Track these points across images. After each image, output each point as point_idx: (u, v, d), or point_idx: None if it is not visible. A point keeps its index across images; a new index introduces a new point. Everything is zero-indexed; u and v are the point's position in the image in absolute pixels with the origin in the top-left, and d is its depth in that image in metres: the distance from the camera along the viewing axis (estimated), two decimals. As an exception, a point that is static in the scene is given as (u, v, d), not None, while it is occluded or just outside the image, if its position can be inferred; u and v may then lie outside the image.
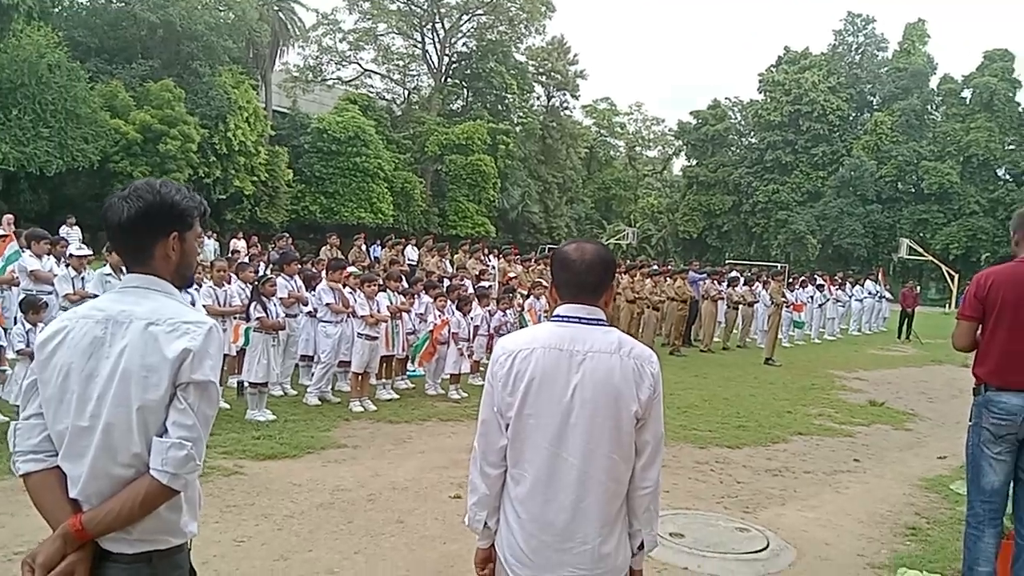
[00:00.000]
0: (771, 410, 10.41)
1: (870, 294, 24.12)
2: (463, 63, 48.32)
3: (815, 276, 23.11)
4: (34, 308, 7.54)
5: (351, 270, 10.59)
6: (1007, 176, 48.46)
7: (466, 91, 49.05)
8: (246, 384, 8.50)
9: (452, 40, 47.78)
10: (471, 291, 11.74)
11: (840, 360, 16.63)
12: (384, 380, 9.91)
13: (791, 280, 20.65)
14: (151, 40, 32.77)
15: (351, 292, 9.46)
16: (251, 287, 8.95)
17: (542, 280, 13.98)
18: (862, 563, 5.11)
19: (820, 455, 8.15)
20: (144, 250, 2.11)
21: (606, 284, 2.47)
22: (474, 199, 43.19)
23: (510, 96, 47.97)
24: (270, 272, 10.23)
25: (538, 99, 52.84)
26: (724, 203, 53.37)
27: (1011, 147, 48.29)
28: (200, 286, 9.02)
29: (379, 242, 20.61)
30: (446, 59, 47.94)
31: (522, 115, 49.27)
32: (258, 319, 8.40)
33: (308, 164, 37.87)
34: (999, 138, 47.35)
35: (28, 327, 7.35)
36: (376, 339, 9.24)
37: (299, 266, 10.33)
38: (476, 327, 10.61)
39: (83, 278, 9.23)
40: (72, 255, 9.61)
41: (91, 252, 10.43)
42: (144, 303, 2.06)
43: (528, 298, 12.60)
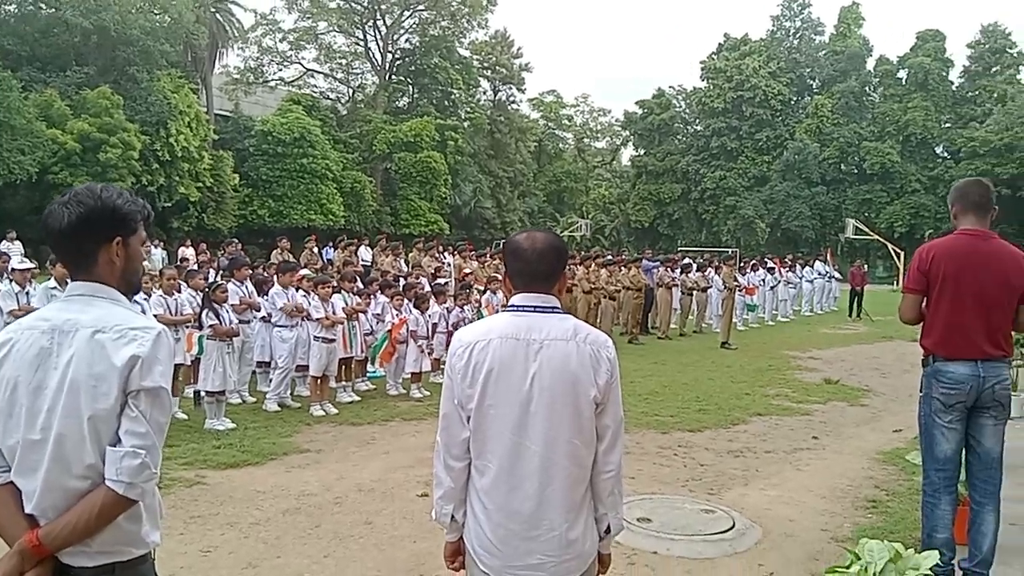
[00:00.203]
0: (730, 393, 10.56)
1: (820, 275, 24.63)
2: (407, 60, 48.03)
3: (765, 260, 23.48)
4: (-23, 326, 7.31)
5: (304, 272, 10.47)
6: (945, 153, 49.78)
7: (411, 88, 48.78)
8: (203, 393, 8.37)
9: (395, 36, 47.43)
10: (428, 289, 11.69)
11: (794, 340, 16.94)
12: (344, 382, 9.82)
13: (742, 264, 20.99)
14: (85, 46, 31.92)
15: (305, 295, 9.35)
16: (202, 295, 8.79)
17: (498, 275, 13.99)
18: (826, 537, 5.21)
19: (780, 434, 8.29)
20: (87, 257, 2.06)
21: (559, 272, 2.48)
22: (426, 197, 42.98)
23: (456, 92, 47.80)
24: (220, 279, 10.07)
25: (484, 94, 52.79)
26: (673, 191, 53.92)
27: (947, 125, 49.60)
28: (150, 295, 8.84)
29: (331, 244, 20.44)
30: (389, 56, 47.58)
31: (469, 110, 49.15)
32: (211, 326, 8.27)
33: (254, 167, 37.31)
34: (935, 116, 48.61)
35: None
36: (333, 341, 9.15)
37: (250, 271, 10.19)
38: (435, 324, 10.57)
39: (27, 293, 8.98)
40: (15, 269, 9.35)
41: (34, 265, 10.17)
42: (90, 311, 2.01)
43: (485, 293, 12.61)
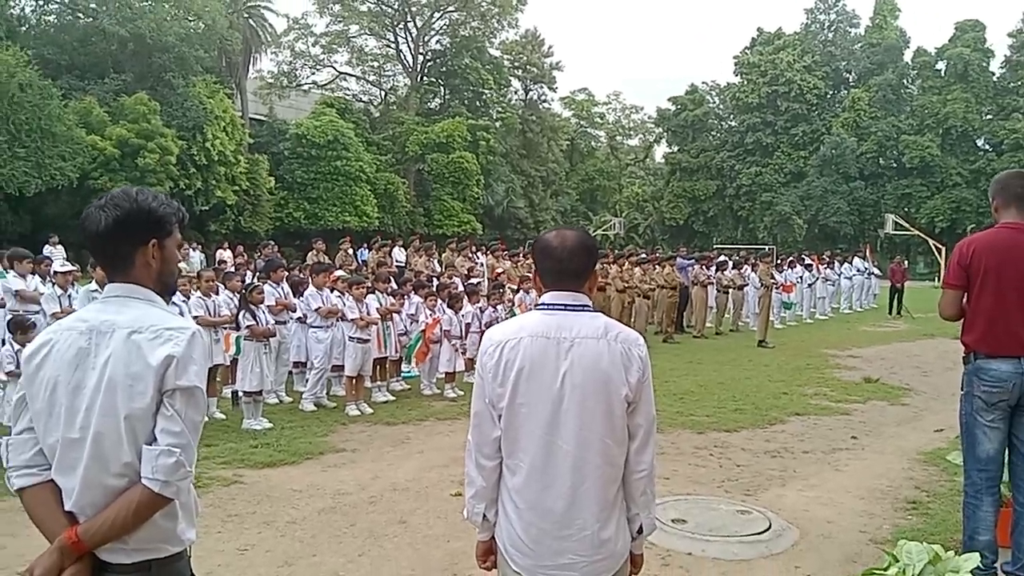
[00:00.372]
0: (767, 392, 10.44)
1: (859, 271, 24.24)
2: (438, 61, 48.23)
3: (803, 256, 23.20)
4: (22, 328, 7.47)
5: (339, 274, 10.55)
6: (987, 146, 48.83)
7: (443, 89, 48.97)
8: (241, 394, 8.47)
9: (425, 38, 47.67)
10: (461, 289, 11.72)
11: (833, 339, 16.70)
12: (379, 382, 9.88)
13: (779, 261, 20.72)
14: (122, 54, 32.52)
15: (340, 296, 9.42)
16: (239, 296, 8.90)
17: (531, 274, 13.98)
18: (864, 539, 5.13)
19: (818, 434, 8.18)
20: (124, 259, 2.09)
21: (589, 270, 2.47)
22: (458, 197, 43.13)
23: (487, 92, 47.94)
24: (257, 280, 10.18)
25: (516, 93, 52.88)
26: (708, 188, 53.52)
27: (988, 117, 48.63)
28: (189, 297, 8.98)
29: (366, 245, 20.58)
30: (421, 58, 47.83)
31: (500, 110, 49.22)
32: (248, 327, 8.36)
33: (289, 170, 37.74)
34: (976, 108, 47.69)
35: (17, 348, 7.27)
36: (368, 342, 9.20)
37: (285, 273, 10.29)
38: (468, 324, 10.58)
39: (69, 295, 9.16)
40: (57, 272, 9.55)
41: (76, 268, 10.38)
42: (126, 312, 2.05)
43: (518, 292, 12.60)
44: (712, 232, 54.32)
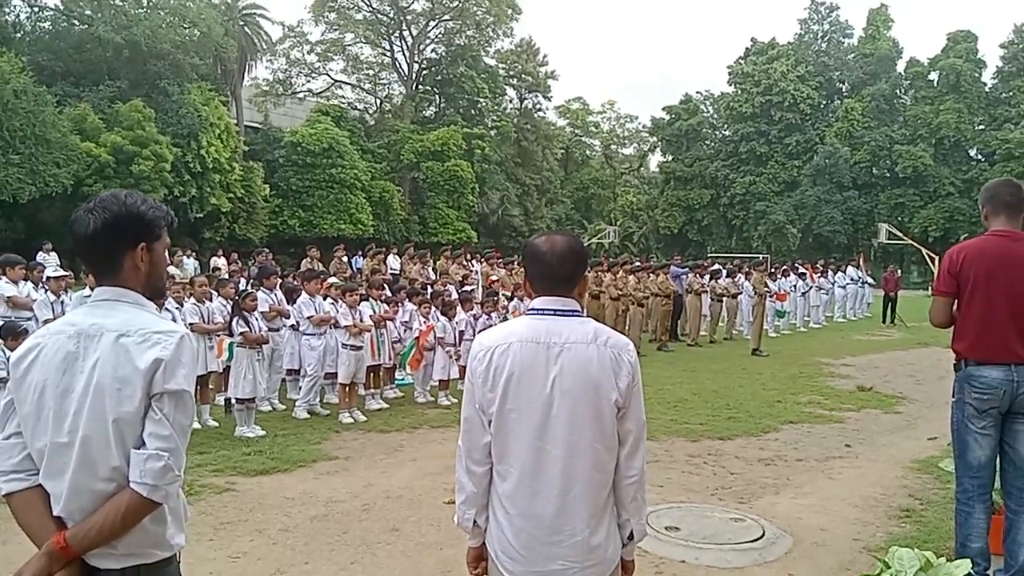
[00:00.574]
0: (761, 400, 10.44)
1: (852, 280, 24.30)
2: (433, 69, 48.33)
3: (797, 265, 23.24)
4: (13, 334, 7.42)
5: (332, 281, 10.53)
6: (979, 156, 49.03)
7: (438, 97, 49.04)
8: (234, 401, 8.43)
9: (420, 47, 47.77)
10: (455, 296, 11.71)
11: (827, 347, 16.73)
12: (372, 390, 9.84)
13: (773, 270, 20.76)
14: (117, 61, 32.49)
15: (333, 303, 9.41)
16: (232, 303, 8.88)
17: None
18: (858, 547, 5.12)
19: (811, 442, 8.18)
20: (113, 262, 2.09)
21: (579, 275, 2.47)
22: (453, 205, 43.16)
23: (482, 100, 48.05)
24: (250, 287, 10.17)
25: (511, 102, 52.96)
26: (702, 197, 53.63)
27: (980, 127, 48.86)
28: (182, 304, 8.96)
29: (360, 253, 20.56)
30: (416, 66, 47.92)
31: (496, 119, 49.32)
32: (241, 334, 8.34)
33: (284, 178, 37.74)
34: (968, 119, 47.92)
35: (8, 354, 7.24)
36: (361, 349, 9.19)
37: (279, 280, 10.27)
38: (461, 332, 10.57)
39: (62, 302, 9.14)
40: (50, 278, 9.52)
41: (69, 274, 10.35)
42: (115, 315, 2.05)
43: (512, 300, 12.59)
44: (706, 241, 54.42)
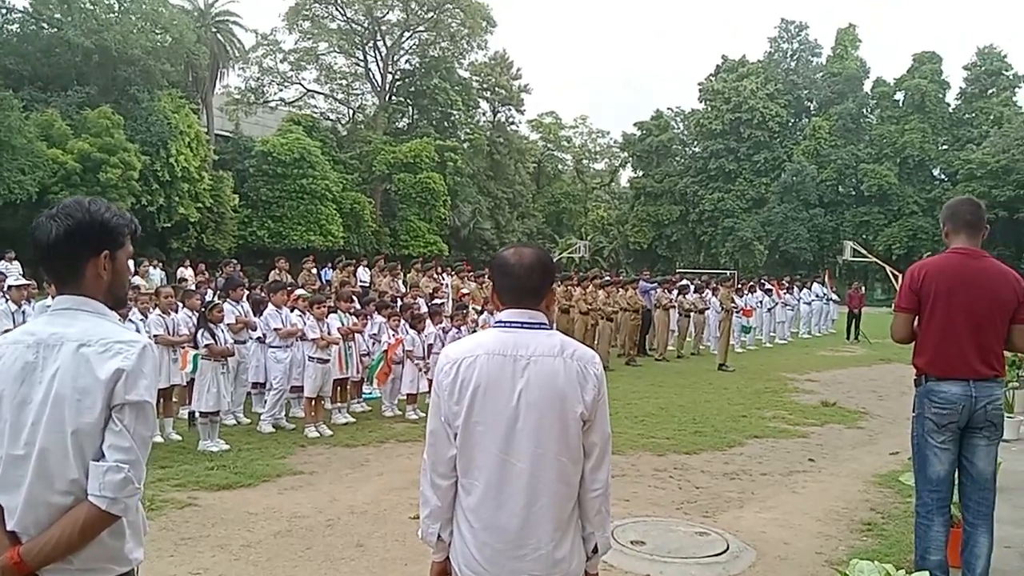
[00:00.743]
0: (727, 415, 10.53)
1: (817, 297, 24.63)
2: (407, 80, 48.27)
3: (763, 281, 23.49)
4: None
5: (299, 292, 10.46)
6: (942, 176, 49.96)
7: (411, 109, 48.96)
8: (197, 414, 8.33)
9: (395, 58, 47.69)
10: (424, 309, 11.68)
11: (792, 363, 16.91)
12: (339, 404, 9.78)
13: (739, 286, 20.96)
14: (87, 66, 32.01)
15: (300, 315, 9.34)
16: (198, 314, 8.79)
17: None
18: (820, 560, 5.18)
19: (776, 457, 8.26)
20: (75, 270, 2.06)
21: (546, 287, 2.48)
22: (425, 217, 43.07)
23: (456, 112, 48.07)
24: (217, 299, 10.07)
25: (484, 115, 53.00)
26: (672, 213, 54.05)
27: (944, 147, 49.89)
28: (147, 315, 8.85)
29: (330, 264, 20.44)
30: (390, 77, 47.80)
31: (469, 131, 49.36)
32: (206, 346, 8.24)
33: (254, 188, 37.40)
34: (932, 139, 48.91)
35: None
36: (328, 362, 9.12)
37: (246, 291, 10.18)
38: (430, 345, 10.54)
39: (23, 311, 8.99)
40: (11, 287, 9.38)
41: (31, 283, 10.19)
42: (75, 324, 2.02)
43: (482, 314, 12.58)
44: (675, 256, 54.82)
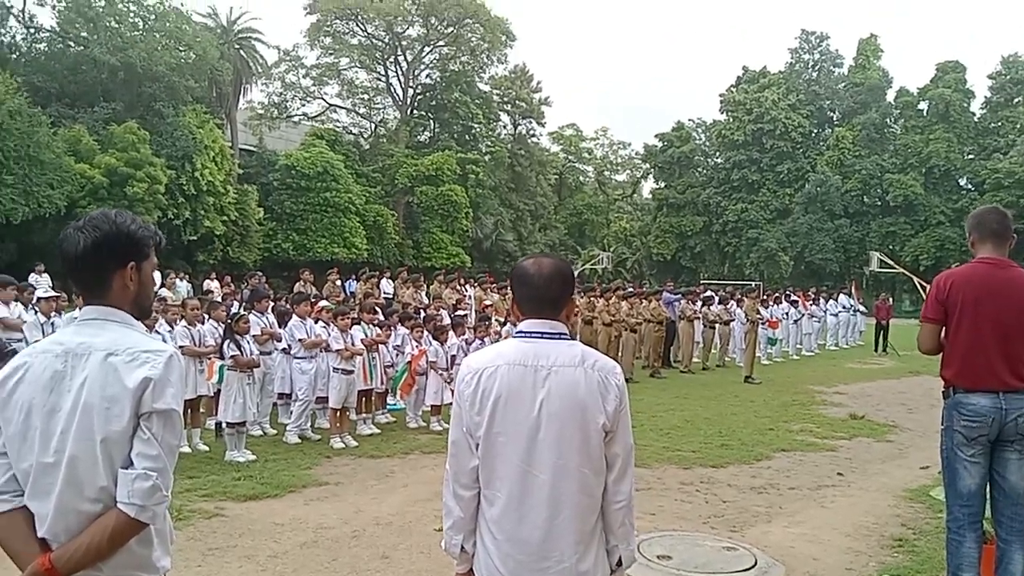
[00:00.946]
0: (753, 428, 10.43)
1: (844, 308, 24.35)
2: (428, 94, 48.57)
3: (789, 292, 23.29)
4: (2, 355, 7.38)
5: (323, 304, 10.51)
6: (969, 185, 49.35)
7: (432, 122, 49.25)
8: (224, 425, 8.38)
9: (416, 72, 47.99)
10: (447, 321, 11.69)
11: (819, 375, 16.74)
12: (364, 415, 9.80)
13: (765, 297, 20.80)
14: (112, 83, 32.51)
15: (325, 326, 9.38)
16: (224, 326, 8.85)
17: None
18: (851, 576, 5.10)
19: (804, 470, 8.17)
20: (102, 281, 2.09)
21: (566, 297, 2.48)
22: (447, 229, 43.20)
23: (476, 126, 48.28)
24: (243, 310, 10.14)
25: (504, 128, 53.14)
26: (695, 224, 53.81)
27: (970, 156, 49.27)
28: (174, 326, 8.94)
29: (354, 276, 20.53)
30: (411, 91, 48.11)
31: (490, 144, 49.49)
32: (232, 357, 8.30)
33: (278, 201, 37.74)
34: (958, 148, 48.34)
35: (-3, 377, 7.19)
36: (352, 373, 9.15)
37: (271, 303, 10.25)
38: (453, 356, 10.54)
39: (52, 323, 9.09)
40: (40, 299, 9.50)
41: (60, 295, 10.32)
42: (103, 334, 2.04)
43: (505, 325, 12.56)
44: (699, 267, 54.55)
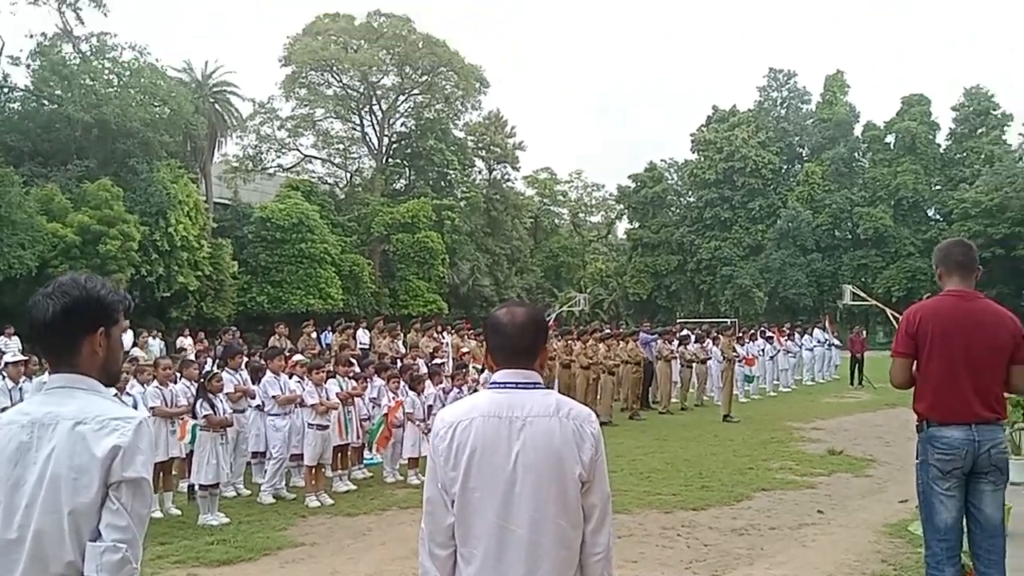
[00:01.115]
0: (733, 468, 10.40)
1: (819, 343, 24.51)
2: (403, 143, 48.95)
3: (764, 329, 23.43)
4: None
5: (297, 358, 10.43)
6: (937, 216, 50.20)
7: (408, 170, 49.58)
8: (197, 487, 8.22)
9: (390, 121, 48.37)
10: (424, 370, 11.62)
11: (796, 411, 16.77)
12: (340, 471, 9.64)
13: (741, 334, 20.90)
14: (86, 140, 32.43)
15: (299, 381, 9.28)
16: (196, 384, 8.74)
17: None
18: (834, 618, 5.06)
19: (784, 509, 8.14)
20: (71, 347, 2.07)
21: (539, 345, 2.47)
22: (424, 276, 43.20)
23: (452, 172, 48.66)
24: (216, 367, 10.03)
25: (480, 173, 53.60)
26: (670, 263, 54.20)
27: (937, 187, 50.25)
28: (145, 387, 8.81)
29: (330, 328, 20.43)
30: (386, 139, 48.45)
31: (465, 190, 49.86)
32: (205, 417, 8.18)
33: (253, 254, 37.61)
34: (925, 180, 49.26)
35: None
36: (327, 428, 9.03)
37: (244, 359, 10.15)
38: (430, 406, 10.44)
39: (20, 388, 8.96)
40: (8, 363, 9.36)
41: (28, 359, 10.16)
42: (70, 402, 2.01)
43: (483, 372, 12.51)
44: (675, 306, 54.85)
